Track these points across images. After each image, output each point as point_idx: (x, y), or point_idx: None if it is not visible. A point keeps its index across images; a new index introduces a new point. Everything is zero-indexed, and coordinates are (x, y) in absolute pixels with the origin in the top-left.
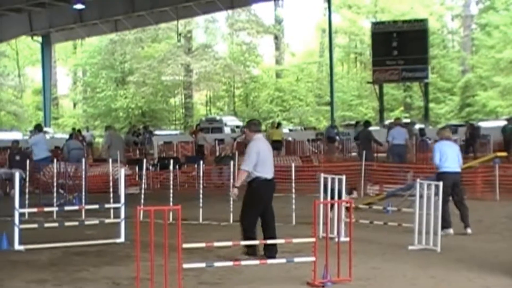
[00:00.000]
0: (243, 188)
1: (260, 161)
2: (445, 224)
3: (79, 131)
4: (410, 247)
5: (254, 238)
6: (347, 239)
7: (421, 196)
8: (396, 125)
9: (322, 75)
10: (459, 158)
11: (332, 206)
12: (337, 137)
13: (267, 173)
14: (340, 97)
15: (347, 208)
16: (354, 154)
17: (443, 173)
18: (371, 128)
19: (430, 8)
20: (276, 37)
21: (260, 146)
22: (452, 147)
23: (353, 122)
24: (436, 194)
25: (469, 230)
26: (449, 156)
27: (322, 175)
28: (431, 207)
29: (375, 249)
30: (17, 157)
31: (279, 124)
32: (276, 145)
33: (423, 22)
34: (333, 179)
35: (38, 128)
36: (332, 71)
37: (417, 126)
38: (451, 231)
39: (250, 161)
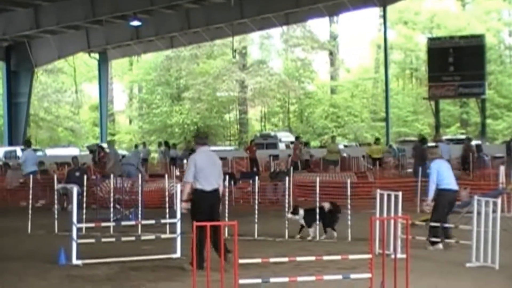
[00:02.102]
0: None
1: (199, 173)
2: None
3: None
4: (467, 264)
5: (200, 251)
6: (404, 255)
7: (478, 213)
8: (438, 141)
9: (377, 91)
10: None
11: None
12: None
13: (207, 185)
14: (396, 113)
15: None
16: (409, 170)
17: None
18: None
19: (487, 23)
20: (331, 53)
21: (199, 159)
22: (447, 165)
23: (408, 139)
24: (494, 211)
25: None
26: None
27: (379, 191)
28: (489, 224)
29: (432, 266)
30: (77, 173)
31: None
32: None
33: (480, 37)
34: (389, 196)
35: (27, 144)
36: (387, 87)
37: (474, 142)
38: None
39: (187, 173)
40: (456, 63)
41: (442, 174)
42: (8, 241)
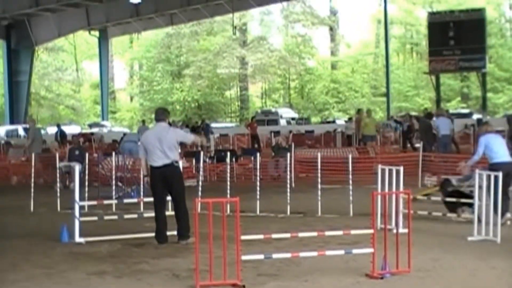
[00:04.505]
0: None
1: (147, 149)
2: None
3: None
4: (469, 238)
5: (157, 224)
6: (406, 230)
7: (480, 187)
8: (440, 115)
9: (378, 66)
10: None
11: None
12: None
13: (153, 160)
14: (396, 88)
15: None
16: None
17: (497, 163)
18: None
19: None
20: (331, 29)
21: (144, 135)
22: (498, 139)
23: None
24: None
25: (508, 215)
26: (499, 148)
27: (380, 166)
28: (491, 198)
29: (434, 240)
30: (77, 152)
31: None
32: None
33: (480, 11)
34: (390, 171)
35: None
36: (388, 62)
37: (475, 116)
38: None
39: (139, 148)
40: (456, 37)
41: (492, 148)
42: (11, 219)
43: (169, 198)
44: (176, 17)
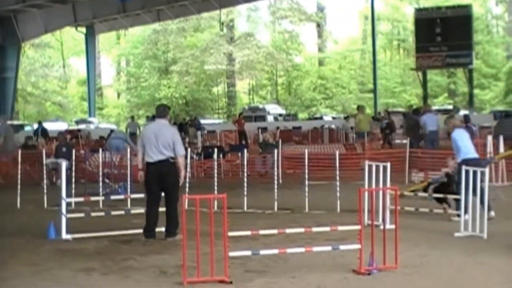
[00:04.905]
0: None
1: (145, 144)
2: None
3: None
4: (456, 234)
5: (147, 219)
6: (393, 226)
7: (467, 183)
8: (427, 112)
9: (365, 63)
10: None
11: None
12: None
13: (149, 156)
14: (383, 84)
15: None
16: (398, 141)
17: (469, 159)
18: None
19: None
20: (318, 25)
21: (144, 130)
22: (466, 134)
23: (397, 110)
24: (482, 180)
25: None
26: (468, 143)
27: (367, 162)
28: (477, 194)
29: (421, 236)
30: (64, 149)
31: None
32: None
33: (467, 7)
34: (377, 167)
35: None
36: (375, 58)
37: (461, 112)
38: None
39: (138, 144)
40: (443, 33)
41: (463, 144)
42: None
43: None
44: (163, 14)
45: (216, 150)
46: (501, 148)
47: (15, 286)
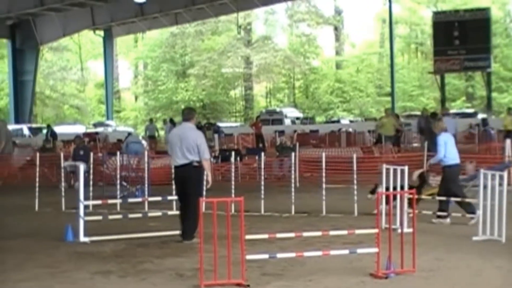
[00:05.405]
0: None
1: (171, 149)
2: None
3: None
4: (474, 238)
5: (180, 223)
6: (410, 230)
7: (485, 187)
8: (444, 115)
9: (383, 66)
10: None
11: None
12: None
13: (173, 160)
14: (401, 87)
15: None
16: (415, 144)
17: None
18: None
19: None
20: (336, 28)
21: (170, 135)
22: (452, 139)
23: (414, 113)
24: (500, 184)
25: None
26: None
27: (384, 165)
28: (495, 197)
29: (438, 240)
30: (81, 152)
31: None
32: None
33: (485, 10)
34: (395, 170)
35: None
36: (392, 61)
37: (480, 116)
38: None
39: (168, 147)
40: (461, 36)
41: (448, 149)
42: (16, 219)
43: None
44: (180, 17)
45: (233, 153)
46: None
47: None
